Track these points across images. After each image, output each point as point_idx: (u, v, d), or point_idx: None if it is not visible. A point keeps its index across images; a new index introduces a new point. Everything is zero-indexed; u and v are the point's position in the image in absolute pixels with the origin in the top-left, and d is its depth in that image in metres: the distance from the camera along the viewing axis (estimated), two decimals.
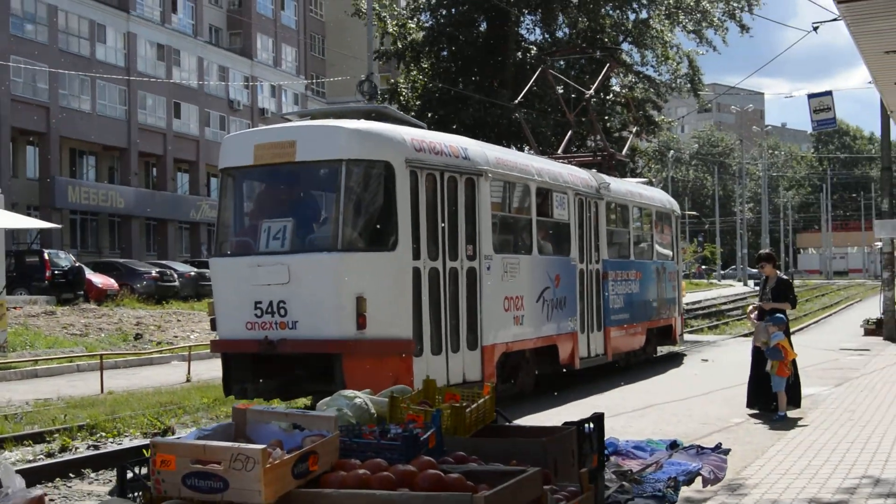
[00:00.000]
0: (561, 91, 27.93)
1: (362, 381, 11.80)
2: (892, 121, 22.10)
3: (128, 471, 3.93)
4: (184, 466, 3.61)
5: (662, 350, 23.61)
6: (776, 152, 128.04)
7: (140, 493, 3.91)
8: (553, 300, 16.55)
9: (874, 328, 28.32)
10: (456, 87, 36.53)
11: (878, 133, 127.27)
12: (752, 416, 13.52)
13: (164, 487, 3.67)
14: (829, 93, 29.05)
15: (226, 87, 64.44)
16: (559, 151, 23.03)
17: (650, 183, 30.26)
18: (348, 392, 4.81)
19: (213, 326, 14.07)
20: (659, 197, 23.82)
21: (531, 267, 16.01)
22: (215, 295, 13.93)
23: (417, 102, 38.05)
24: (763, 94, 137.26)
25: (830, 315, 41.19)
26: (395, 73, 43.90)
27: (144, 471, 3.80)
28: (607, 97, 38.21)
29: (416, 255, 13.09)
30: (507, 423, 5.24)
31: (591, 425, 4.67)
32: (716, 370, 19.90)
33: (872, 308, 37.93)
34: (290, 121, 15.18)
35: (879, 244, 30.92)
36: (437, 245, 13.50)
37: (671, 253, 23.60)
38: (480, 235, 14.34)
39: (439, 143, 14.18)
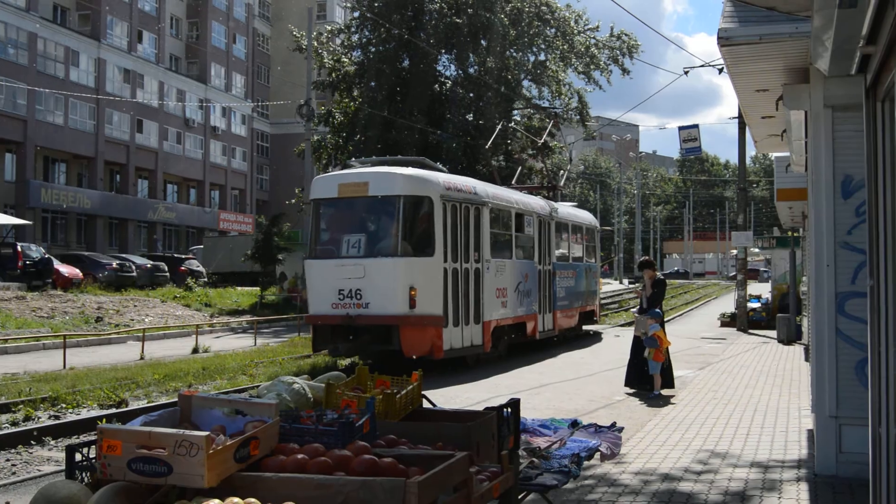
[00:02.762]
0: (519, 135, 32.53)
1: (411, 343, 15.91)
2: (755, 150, 22.55)
3: (76, 453, 3.55)
4: (129, 452, 3.24)
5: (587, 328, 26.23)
6: (648, 174, 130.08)
7: (88, 474, 3.55)
8: (523, 291, 19.80)
9: (729, 320, 28.86)
10: (382, 113, 36.07)
11: (732, 160, 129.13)
12: (630, 394, 13.52)
13: (110, 471, 3.31)
14: (696, 126, 29.59)
15: (183, 107, 63.48)
16: (513, 182, 25.67)
17: (580, 206, 32.28)
18: (287, 378, 4.48)
19: (307, 307, 17.61)
20: (587, 217, 27.46)
21: (512, 267, 19.21)
22: (309, 285, 17.18)
23: (347, 126, 37.59)
24: (638, 126, 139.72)
25: (692, 309, 41.67)
26: (329, 100, 43.31)
27: (94, 452, 3.44)
28: (509, 126, 38.18)
29: (445, 259, 16.38)
30: (433, 408, 4.94)
31: (509, 410, 4.42)
32: (598, 354, 20.12)
33: (726, 304, 38.63)
34: (354, 167, 18.38)
35: (735, 251, 31.45)
36: (457, 252, 16.74)
37: (594, 257, 27.25)
38: (483, 246, 17.62)
39: (460, 183, 17.47)
